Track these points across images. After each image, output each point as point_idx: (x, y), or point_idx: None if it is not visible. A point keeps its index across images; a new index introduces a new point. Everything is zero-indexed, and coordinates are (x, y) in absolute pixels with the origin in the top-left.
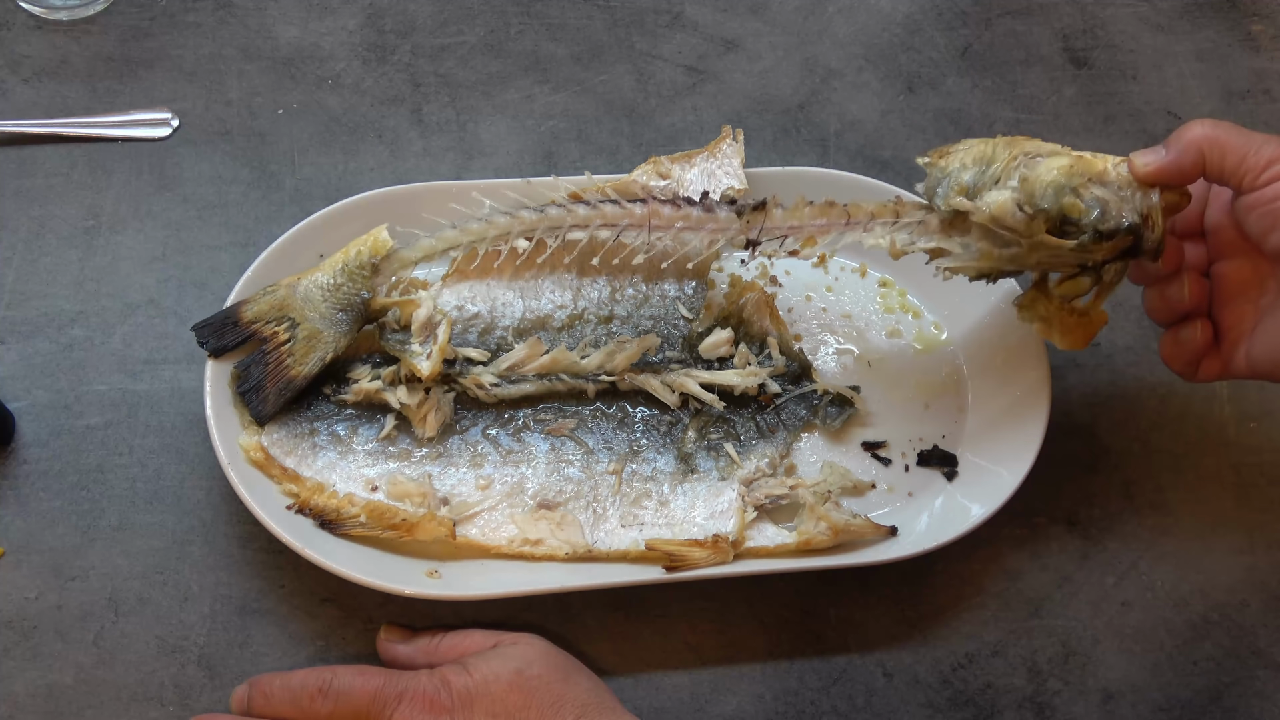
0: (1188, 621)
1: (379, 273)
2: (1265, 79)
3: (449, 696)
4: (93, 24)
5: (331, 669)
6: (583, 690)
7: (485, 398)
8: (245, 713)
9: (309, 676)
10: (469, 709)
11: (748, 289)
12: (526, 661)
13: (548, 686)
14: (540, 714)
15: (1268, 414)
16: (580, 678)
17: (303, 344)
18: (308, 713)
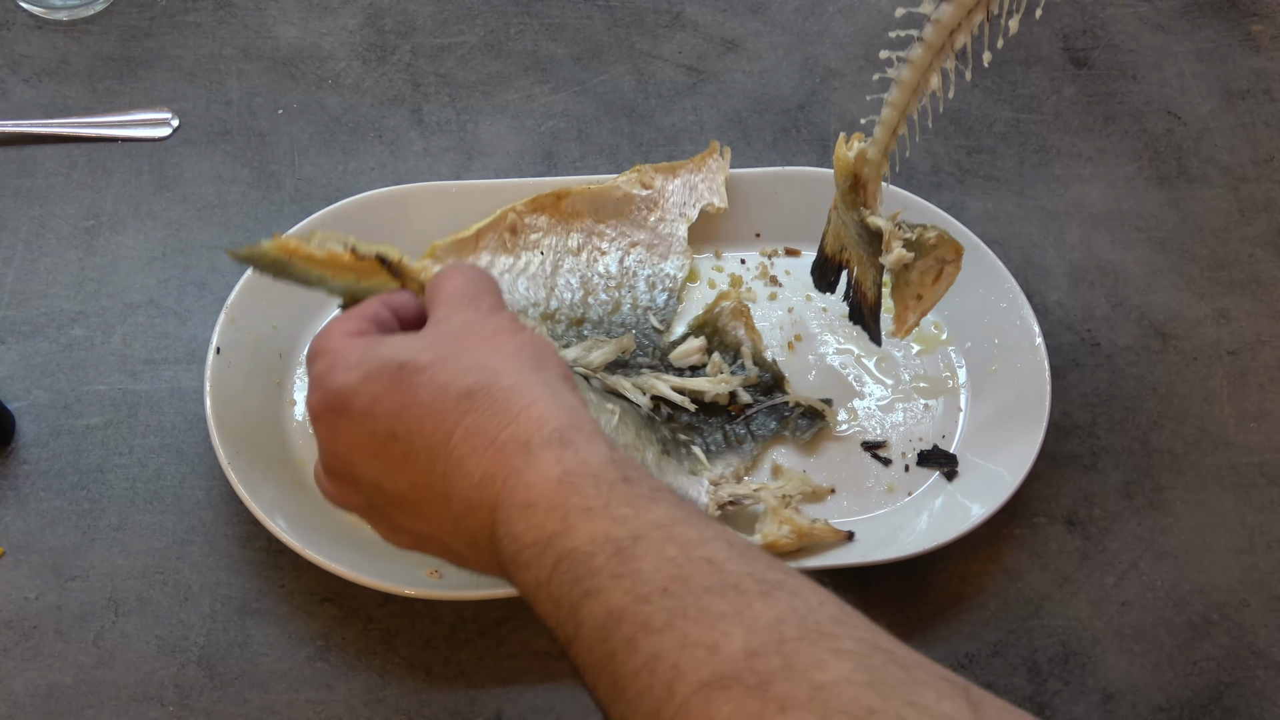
0: (1188, 621)
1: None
2: (1265, 79)
3: (323, 396)
4: (93, 24)
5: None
6: (474, 368)
7: None
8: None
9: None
10: (338, 414)
11: (723, 297)
12: (418, 350)
13: (431, 378)
14: (422, 414)
15: (1268, 414)
16: (479, 352)
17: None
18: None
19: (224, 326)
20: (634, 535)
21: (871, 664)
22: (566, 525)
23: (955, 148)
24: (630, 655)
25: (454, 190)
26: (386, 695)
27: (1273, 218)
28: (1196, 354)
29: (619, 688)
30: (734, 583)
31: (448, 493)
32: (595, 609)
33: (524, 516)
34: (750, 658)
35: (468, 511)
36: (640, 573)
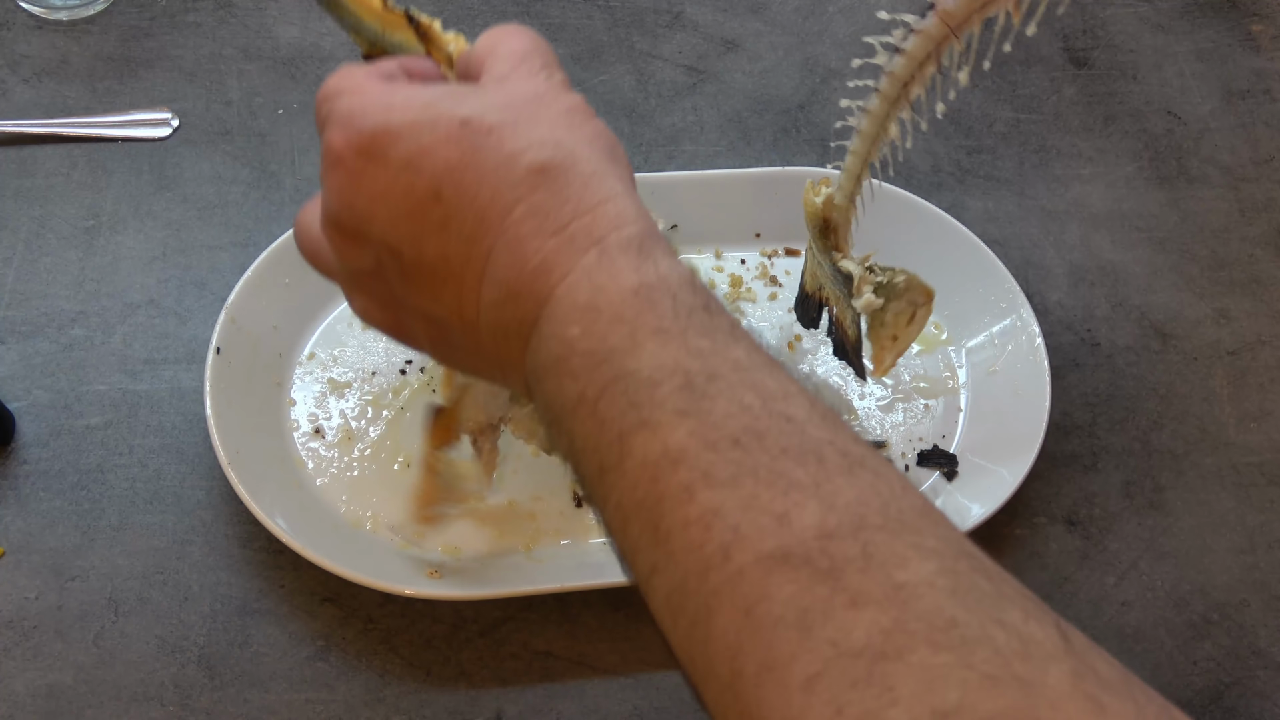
0: (1188, 621)
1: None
2: (1265, 79)
3: (352, 136)
4: (93, 24)
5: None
6: (549, 143)
7: None
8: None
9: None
10: (369, 160)
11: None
12: (484, 108)
13: (499, 142)
14: (479, 179)
15: (1268, 414)
16: (555, 127)
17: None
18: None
19: (224, 326)
20: (709, 372)
21: (957, 569)
22: (633, 343)
23: (955, 148)
24: (683, 504)
25: None
26: (386, 695)
27: (1273, 218)
28: (1196, 354)
29: (661, 536)
30: (814, 449)
31: (485, 273)
32: (650, 443)
33: (584, 320)
34: (824, 538)
35: (507, 298)
36: (710, 415)
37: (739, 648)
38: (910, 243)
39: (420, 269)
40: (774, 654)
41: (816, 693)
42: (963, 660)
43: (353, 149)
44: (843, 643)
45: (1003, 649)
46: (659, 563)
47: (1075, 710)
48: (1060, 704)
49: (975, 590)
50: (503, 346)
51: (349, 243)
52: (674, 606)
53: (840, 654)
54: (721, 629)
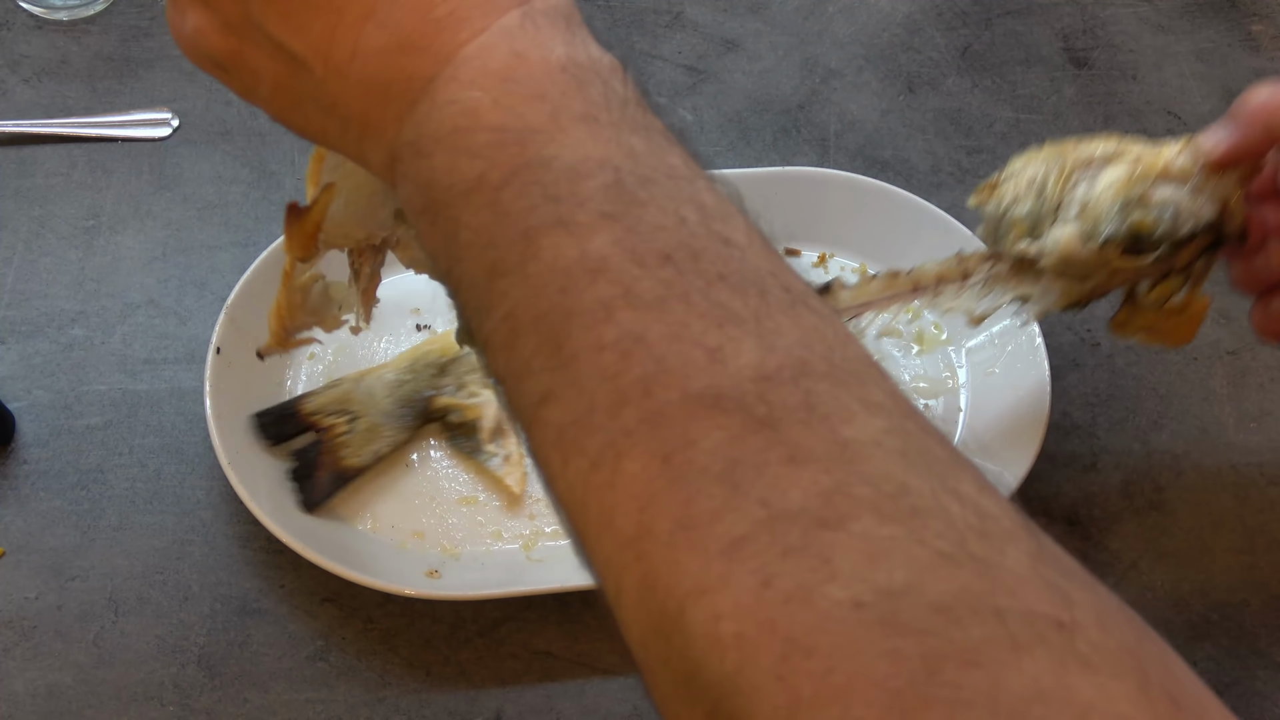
0: (1188, 621)
1: (445, 373)
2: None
3: None
4: (93, 24)
5: None
6: None
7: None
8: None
9: None
10: None
11: None
12: None
13: None
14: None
15: (1268, 414)
16: None
17: (361, 437)
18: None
19: (224, 326)
20: (642, 175)
21: (907, 429)
22: (556, 126)
23: (955, 148)
24: (598, 324)
25: None
26: (386, 695)
27: None
28: (1196, 354)
29: (565, 358)
30: (755, 279)
31: (374, 12)
32: (564, 246)
33: (496, 89)
34: (762, 381)
35: (397, 47)
36: (641, 223)
37: (650, 500)
38: (910, 243)
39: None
40: (693, 511)
41: (741, 559)
42: (913, 534)
43: None
44: (776, 503)
45: (957, 523)
46: (555, 389)
47: (1036, 596)
48: (1019, 589)
49: (927, 454)
50: (372, 105)
51: None
52: (568, 442)
53: (773, 516)
54: (630, 475)
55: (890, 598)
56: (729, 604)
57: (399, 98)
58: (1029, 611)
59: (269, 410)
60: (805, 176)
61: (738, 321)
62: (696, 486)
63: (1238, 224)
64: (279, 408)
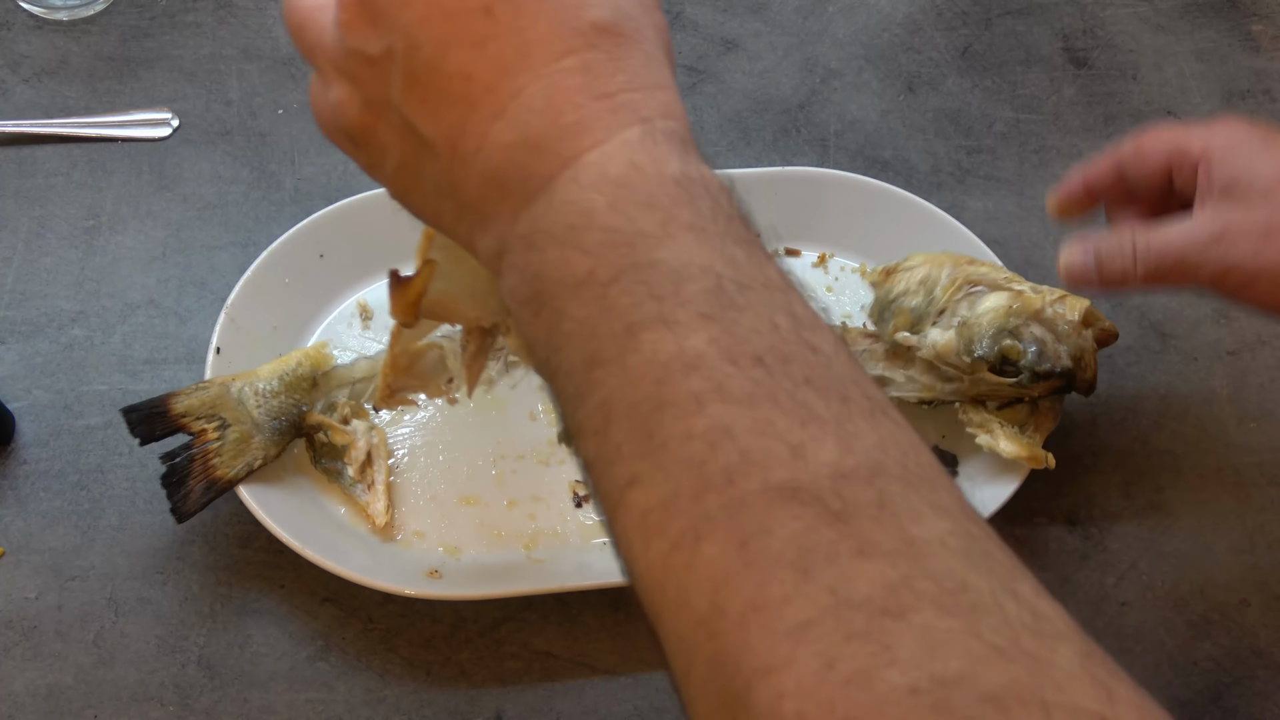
0: (1188, 621)
1: (317, 387)
2: (1265, 79)
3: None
4: (93, 24)
5: None
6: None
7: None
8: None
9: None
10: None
11: None
12: None
13: None
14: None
15: (1268, 414)
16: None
17: (232, 446)
18: None
19: (224, 326)
20: (741, 282)
21: (971, 532)
22: (666, 232)
23: (955, 148)
24: (689, 415)
25: None
26: (386, 695)
27: None
28: (1196, 354)
29: (655, 445)
30: (839, 385)
31: (506, 110)
32: (664, 342)
33: (613, 193)
34: (839, 479)
35: (524, 145)
36: (736, 326)
37: (725, 581)
38: (910, 243)
39: (434, 77)
40: (766, 594)
41: (807, 641)
42: (970, 627)
43: None
44: (843, 591)
45: (1012, 620)
46: (643, 474)
47: (1082, 692)
48: (1067, 685)
49: (988, 556)
50: (490, 195)
51: (367, 19)
52: (651, 525)
53: (839, 603)
54: (709, 558)
55: (944, 686)
56: (792, 683)
57: (517, 191)
58: (1075, 706)
59: (137, 406)
60: (805, 176)
61: (820, 422)
62: (770, 571)
63: (1088, 377)
64: (147, 404)
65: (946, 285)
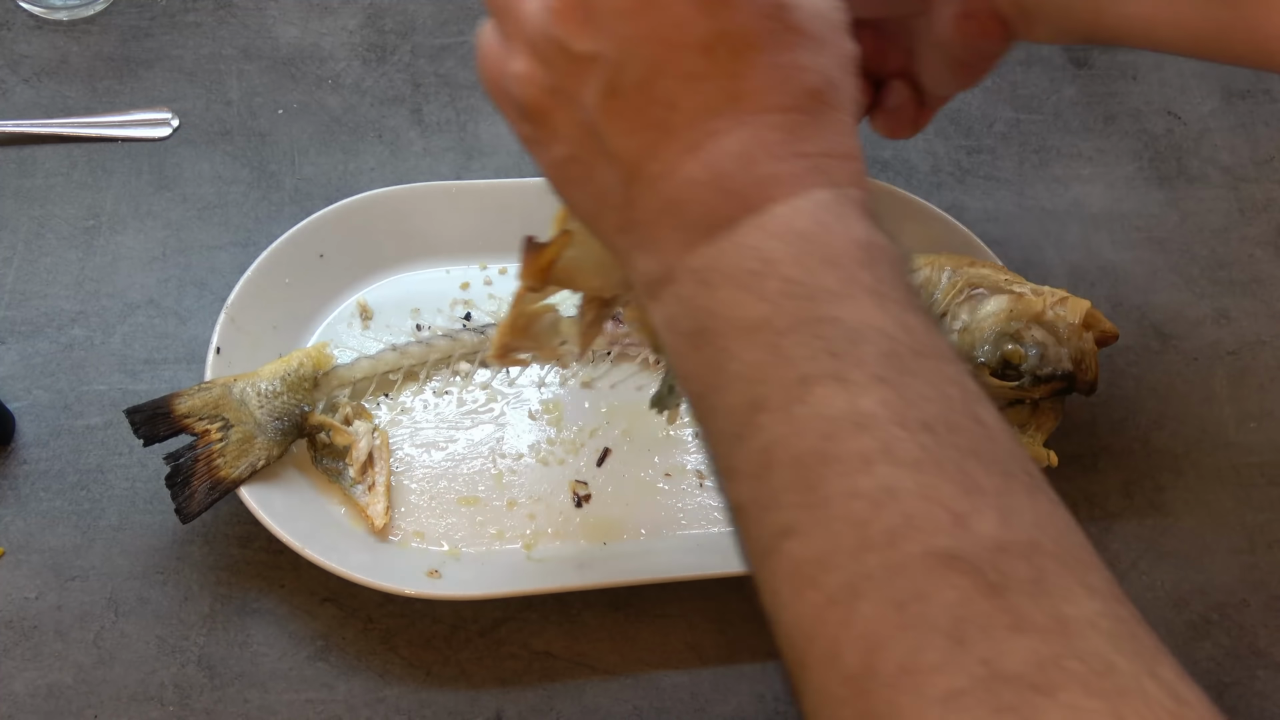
0: (1188, 621)
1: (318, 387)
2: (1265, 79)
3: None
4: (93, 24)
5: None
6: (830, 73)
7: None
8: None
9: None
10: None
11: None
12: (801, 3)
13: (793, 46)
14: (755, 65)
15: (1268, 414)
16: (839, 59)
17: (235, 446)
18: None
19: (224, 326)
20: (916, 349)
21: (1119, 614)
22: (846, 292)
23: (955, 148)
24: (855, 473)
25: (454, 190)
26: (386, 695)
27: (1273, 218)
28: (1196, 354)
29: (817, 499)
30: (1002, 459)
31: (702, 147)
32: (836, 398)
33: (797, 246)
34: (998, 551)
35: (713, 184)
36: (908, 391)
37: (880, 641)
38: (910, 243)
39: (636, 97)
40: (919, 659)
41: (957, 710)
42: (1113, 709)
43: None
44: (996, 664)
45: (1154, 703)
46: (802, 525)
47: None
48: None
49: (1135, 639)
50: (664, 223)
51: (583, 17)
52: (805, 576)
53: (991, 675)
54: (865, 616)
55: None
56: None
57: (696, 226)
58: None
59: (140, 407)
60: None
61: (982, 494)
62: (925, 637)
63: (1089, 378)
64: (150, 405)
65: (947, 288)
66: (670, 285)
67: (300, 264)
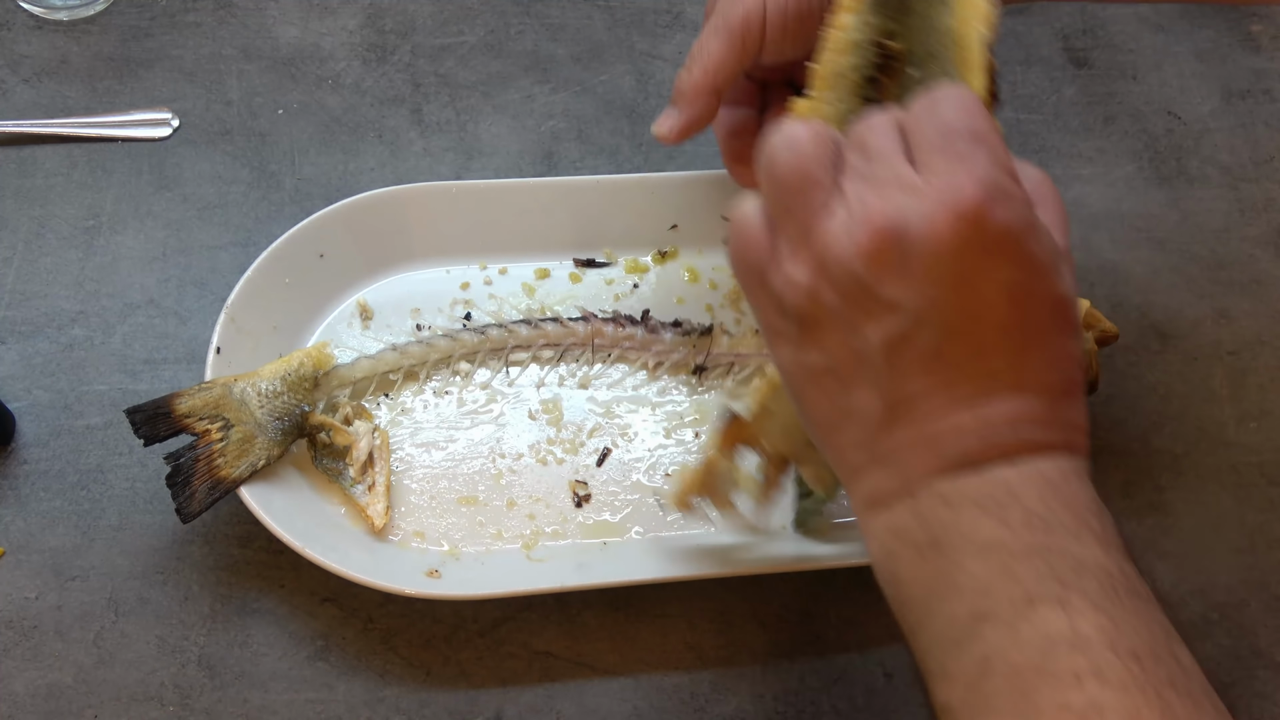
0: (1188, 621)
1: (319, 387)
2: (1265, 79)
3: (993, 195)
4: (93, 24)
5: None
6: (1076, 355)
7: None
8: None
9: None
10: (1002, 236)
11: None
12: (1072, 287)
13: (1070, 323)
14: (1048, 341)
15: (1268, 414)
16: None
17: (235, 446)
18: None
19: (224, 326)
20: (1131, 589)
21: None
22: (1077, 532)
23: None
24: (1068, 689)
25: (454, 190)
26: (386, 695)
27: (1273, 218)
28: (1196, 354)
29: (1029, 708)
30: (1194, 693)
31: (974, 404)
32: (1057, 620)
33: (1041, 488)
34: None
35: (977, 431)
36: (1122, 622)
37: None
38: None
39: (926, 350)
40: None
41: None
42: None
43: (989, 204)
44: None
45: None
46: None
47: None
48: None
49: None
50: (919, 452)
51: (896, 267)
52: None
53: None
54: None
55: None
56: None
57: (949, 459)
58: None
59: (141, 407)
60: None
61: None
62: None
63: (1090, 378)
64: (151, 405)
65: None
66: (906, 499)
67: (300, 264)
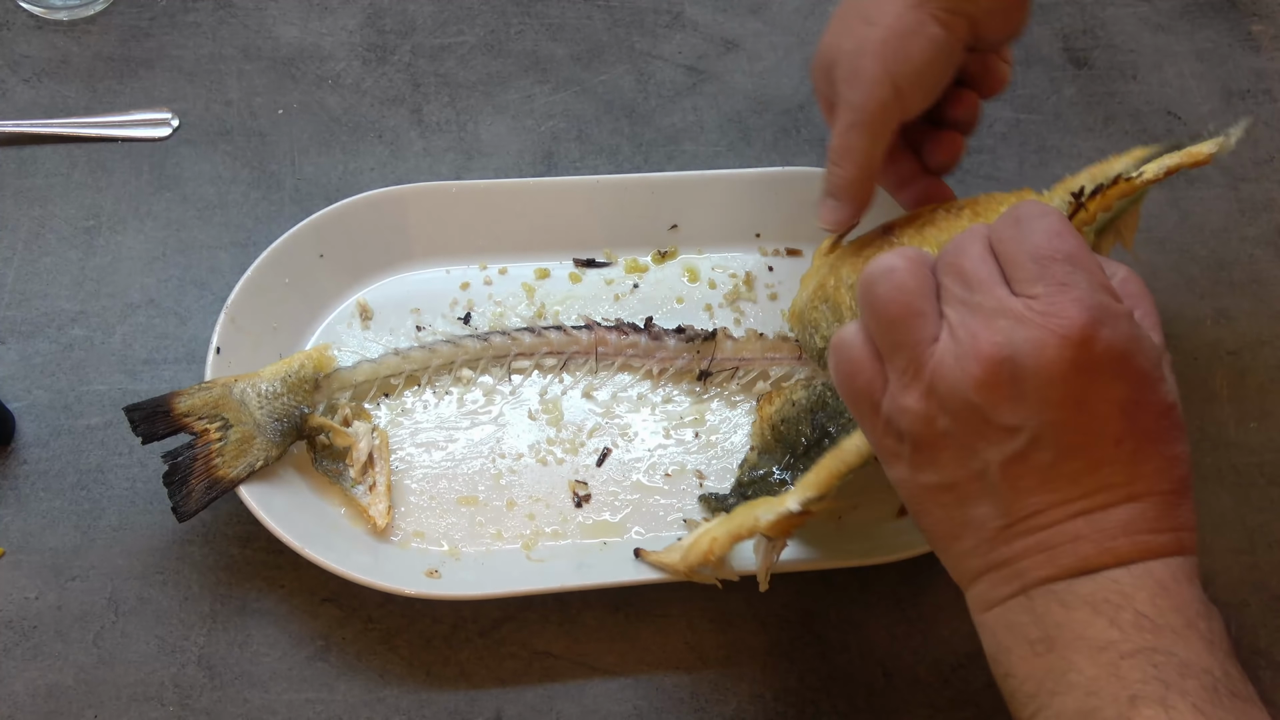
0: None
1: (319, 389)
2: (1265, 79)
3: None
4: (93, 24)
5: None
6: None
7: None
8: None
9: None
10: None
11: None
12: (1174, 393)
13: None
14: (1146, 452)
15: (1268, 414)
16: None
17: (234, 446)
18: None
19: (224, 326)
20: (1232, 692)
21: None
22: (1185, 634)
23: None
24: None
25: (454, 190)
26: (386, 695)
27: (1273, 218)
28: (1196, 354)
29: None
30: None
31: (1086, 511)
32: (1158, 718)
33: (1152, 590)
34: None
35: (1092, 538)
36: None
37: None
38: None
39: (1043, 465)
40: None
41: None
42: None
43: (1094, 327)
44: None
45: None
46: None
47: None
48: None
49: None
50: (1033, 557)
51: (1010, 394)
52: None
53: None
54: None
55: None
56: None
57: (1062, 563)
58: None
59: (140, 405)
60: (805, 176)
61: None
62: None
63: None
64: (150, 404)
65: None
66: (1021, 598)
67: (300, 264)
